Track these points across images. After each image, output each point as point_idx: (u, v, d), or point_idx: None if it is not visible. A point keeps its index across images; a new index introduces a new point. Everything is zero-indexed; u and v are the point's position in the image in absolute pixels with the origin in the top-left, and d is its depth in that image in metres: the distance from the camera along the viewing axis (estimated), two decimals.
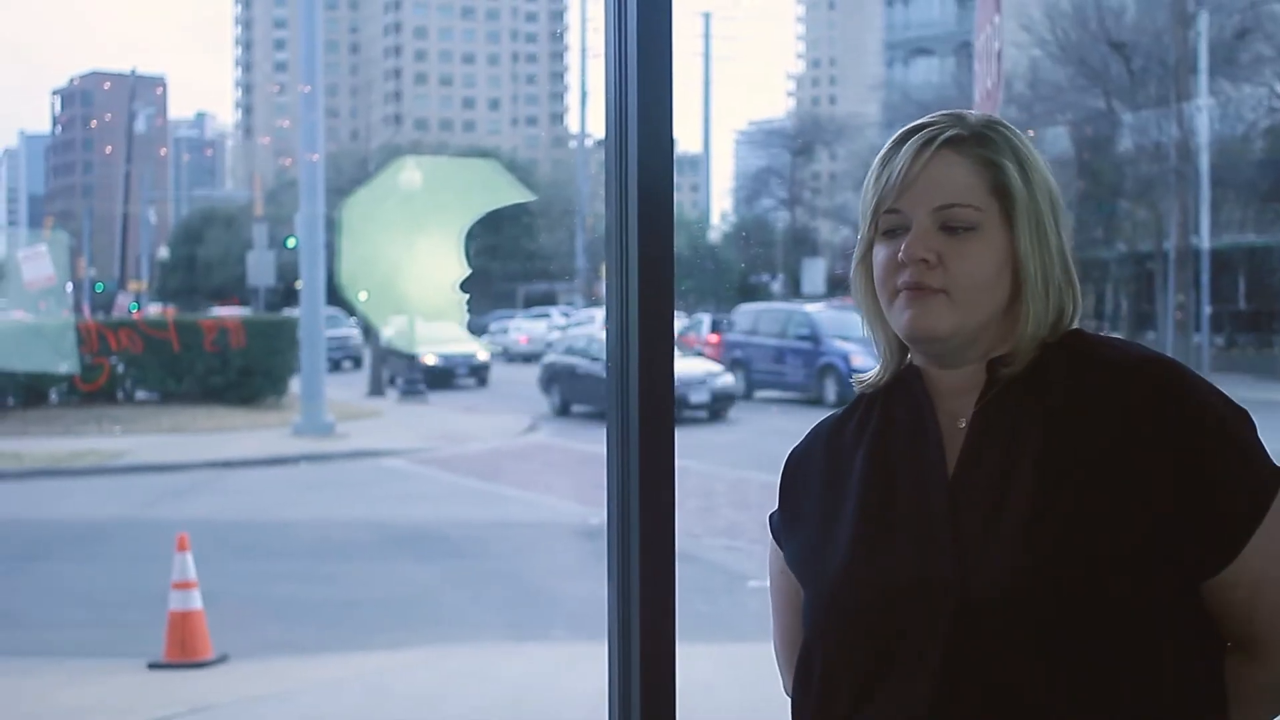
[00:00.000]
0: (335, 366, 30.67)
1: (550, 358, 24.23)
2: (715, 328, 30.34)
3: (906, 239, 1.67)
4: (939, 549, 1.63)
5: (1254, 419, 1.65)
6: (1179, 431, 1.60)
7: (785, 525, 1.85)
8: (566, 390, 22.52)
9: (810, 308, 25.12)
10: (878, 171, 1.72)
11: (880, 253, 1.71)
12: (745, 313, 26.61)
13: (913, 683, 1.60)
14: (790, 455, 1.89)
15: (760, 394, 22.84)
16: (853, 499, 1.73)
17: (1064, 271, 1.71)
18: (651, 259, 2.11)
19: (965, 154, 1.69)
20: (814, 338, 22.51)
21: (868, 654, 1.65)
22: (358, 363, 34.21)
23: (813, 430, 1.88)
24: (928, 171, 1.68)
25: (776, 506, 1.88)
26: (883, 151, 1.73)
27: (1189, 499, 1.59)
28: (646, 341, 2.11)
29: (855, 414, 1.82)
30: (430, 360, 27.00)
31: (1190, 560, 1.60)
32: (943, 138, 1.69)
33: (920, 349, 1.73)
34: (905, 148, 1.70)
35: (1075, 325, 1.73)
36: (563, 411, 22.44)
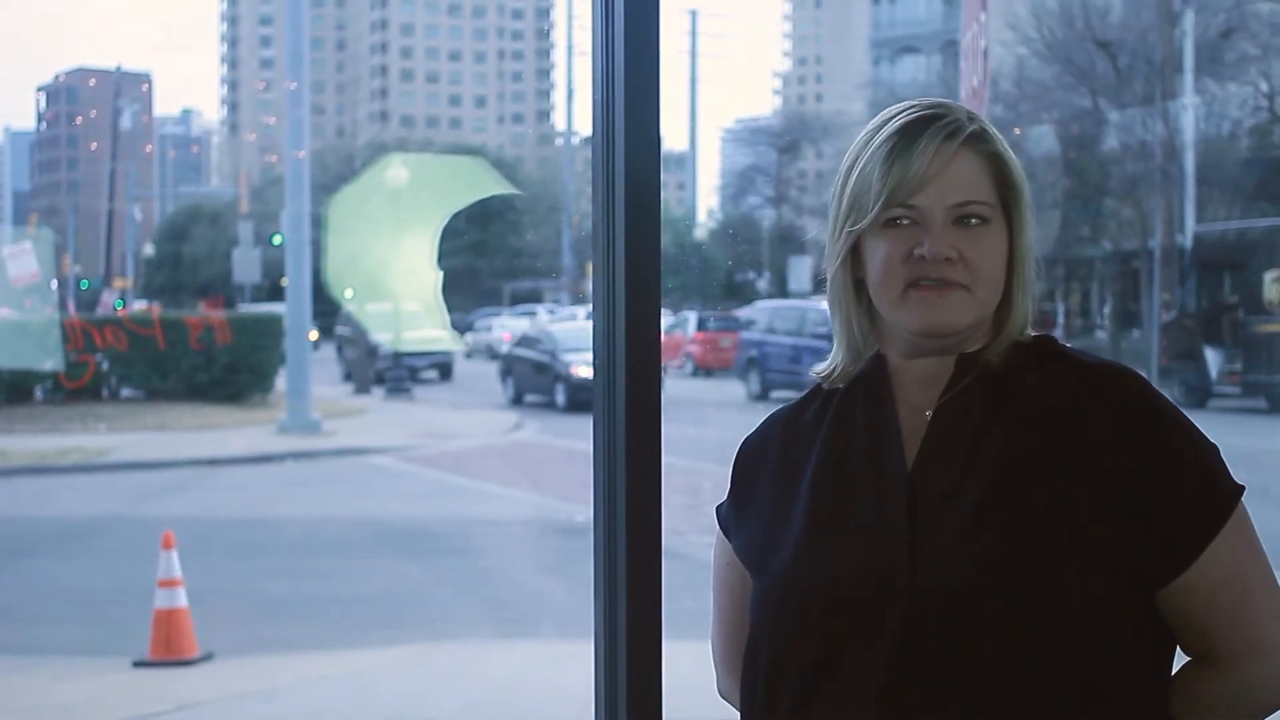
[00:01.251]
0: (412, 375, 25.70)
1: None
2: (702, 325, 30.19)
3: (928, 235, 1.65)
4: (893, 542, 1.62)
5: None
6: (1146, 441, 1.61)
7: (735, 515, 1.83)
8: None
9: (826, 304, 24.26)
10: (885, 164, 1.66)
11: (882, 247, 1.67)
12: (761, 310, 25.64)
13: (862, 677, 1.60)
14: (744, 444, 1.87)
15: (777, 395, 21.26)
16: (808, 489, 1.72)
17: (1034, 267, 1.72)
18: (638, 256, 2.11)
19: (976, 150, 1.68)
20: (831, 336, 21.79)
21: (817, 647, 1.63)
22: (445, 373, 27.75)
23: (768, 419, 1.86)
24: (950, 168, 1.66)
25: (727, 497, 1.87)
26: (887, 143, 1.67)
27: (1149, 505, 1.60)
28: (634, 338, 2.11)
29: (813, 404, 1.81)
30: (584, 372, 21.30)
31: (1147, 566, 1.60)
32: (965, 134, 1.67)
33: (929, 343, 1.69)
34: (923, 142, 1.65)
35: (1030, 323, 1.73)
36: None
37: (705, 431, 18.08)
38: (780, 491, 1.77)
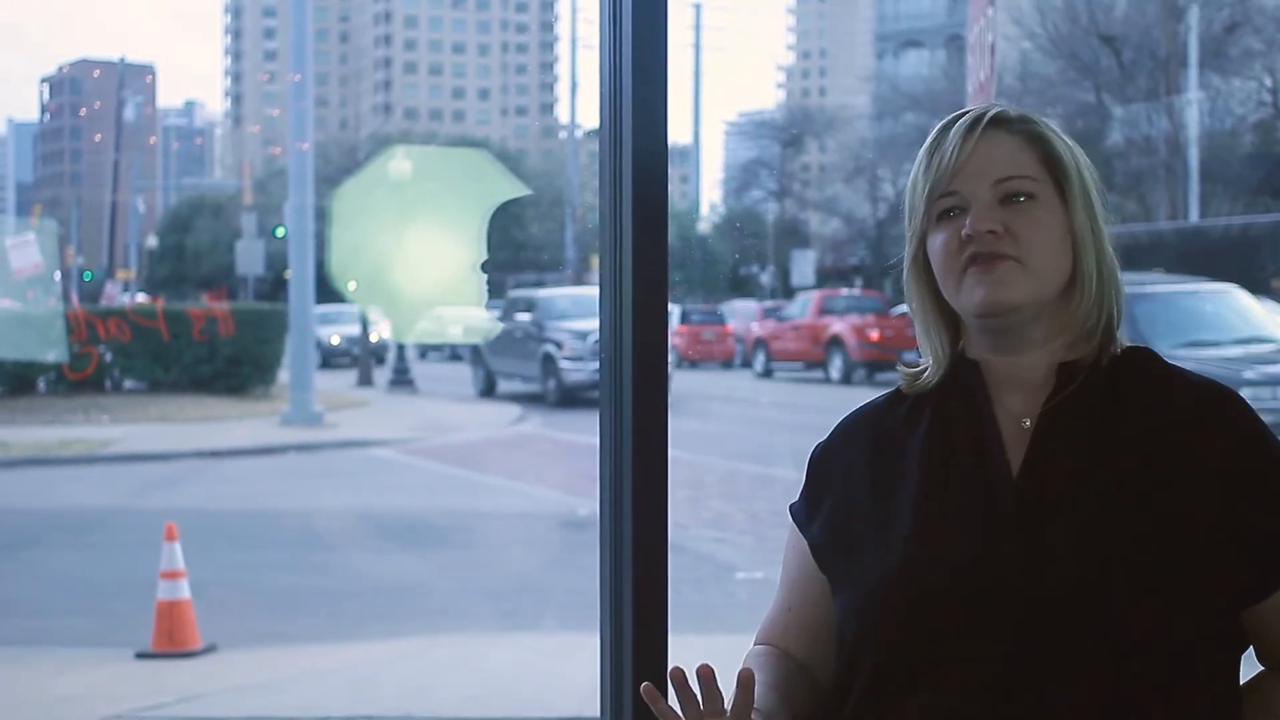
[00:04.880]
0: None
1: None
2: (685, 319, 30.58)
3: (970, 216, 1.68)
4: (1006, 548, 1.63)
5: None
6: (1247, 459, 1.65)
7: (814, 514, 1.82)
8: None
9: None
10: (926, 161, 1.72)
11: (938, 238, 1.71)
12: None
13: (975, 673, 1.60)
14: (823, 444, 1.86)
15: None
16: (909, 493, 1.72)
17: (1110, 260, 1.73)
18: (646, 249, 2.10)
19: (1012, 130, 1.71)
20: None
21: (926, 648, 1.64)
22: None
23: (849, 419, 1.86)
24: (980, 149, 1.69)
25: (800, 496, 1.86)
26: (927, 143, 1.74)
27: (1249, 521, 1.62)
28: (640, 331, 2.10)
29: (898, 407, 1.81)
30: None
31: (1244, 581, 1.63)
32: (989, 116, 1.71)
33: (992, 324, 1.71)
34: (953, 132, 1.71)
35: (1119, 328, 1.74)
36: None
37: (707, 425, 18.09)
38: (877, 494, 1.76)
